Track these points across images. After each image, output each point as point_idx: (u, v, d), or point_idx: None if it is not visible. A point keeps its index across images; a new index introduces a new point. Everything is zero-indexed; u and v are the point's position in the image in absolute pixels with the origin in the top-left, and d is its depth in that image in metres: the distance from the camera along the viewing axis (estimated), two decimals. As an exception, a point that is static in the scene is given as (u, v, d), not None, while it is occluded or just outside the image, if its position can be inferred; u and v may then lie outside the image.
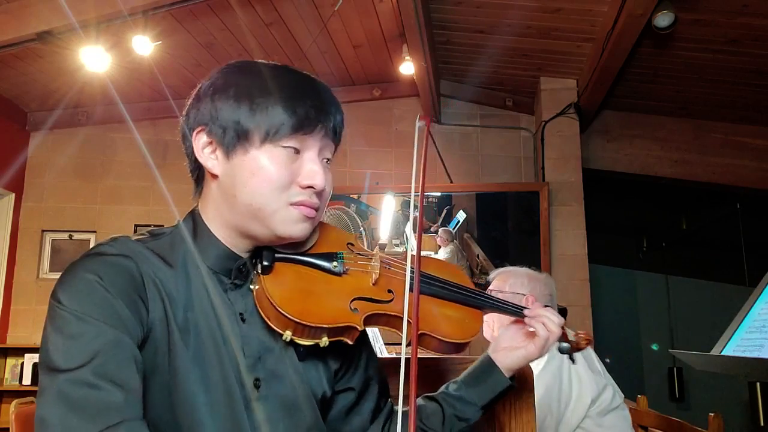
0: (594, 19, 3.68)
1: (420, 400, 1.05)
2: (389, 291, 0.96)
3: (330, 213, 4.08)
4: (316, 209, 0.90)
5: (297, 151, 0.88)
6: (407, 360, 0.74)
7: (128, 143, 4.76)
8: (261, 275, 0.90)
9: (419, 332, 0.94)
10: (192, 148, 0.91)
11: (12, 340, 4.49)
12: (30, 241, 4.64)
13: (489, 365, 1.04)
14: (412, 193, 0.91)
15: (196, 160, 0.92)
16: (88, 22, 3.27)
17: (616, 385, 1.77)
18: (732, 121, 4.62)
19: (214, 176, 0.90)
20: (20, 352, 4.37)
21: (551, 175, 4.43)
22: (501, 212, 4.79)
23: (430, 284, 1.02)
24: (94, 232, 4.70)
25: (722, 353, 1.50)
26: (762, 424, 4.06)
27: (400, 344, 0.83)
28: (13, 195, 4.60)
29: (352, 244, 1.00)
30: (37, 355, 4.52)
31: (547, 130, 4.48)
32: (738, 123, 4.62)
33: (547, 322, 1.02)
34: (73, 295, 0.79)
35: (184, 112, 0.94)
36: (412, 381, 0.68)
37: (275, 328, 0.87)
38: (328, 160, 0.93)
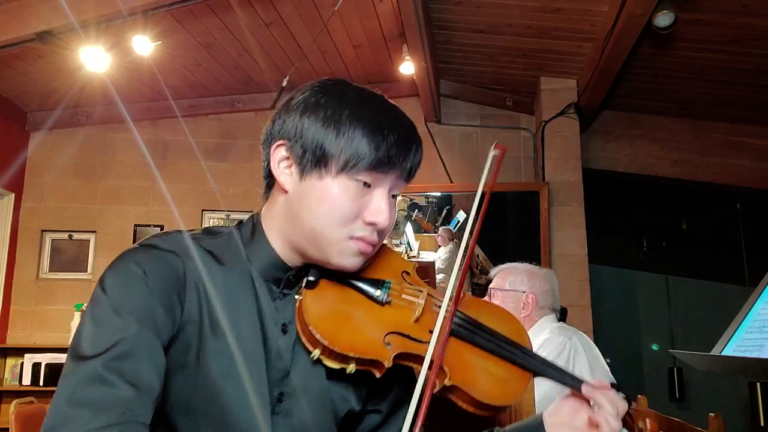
0: (594, 19, 3.68)
1: None
2: (430, 332, 0.87)
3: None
4: (374, 245, 0.90)
5: (368, 186, 0.87)
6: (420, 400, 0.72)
7: (128, 143, 4.75)
8: (305, 289, 0.90)
9: (450, 384, 0.87)
10: (269, 155, 0.91)
11: (12, 340, 4.49)
12: (30, 241, 4.63)
13: (538, 429, 0.93)
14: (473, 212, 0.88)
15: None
16: (88, 22, 3.27)
17: None
18: (732, 121, 4.61)
19: (284, 191, 0.90)
20: (20, 352, 4.36)
21: (551, 175, 4.43)
22: (501, 212, 4.79)
23: (475, 333, 0.93)
24: (94, 232, 4.69)
25: (722, 353, 1.50)
26: (762, 424, 4.07)
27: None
28: (13, 195, 4.59)
29: (408, 273, 0.97)
30: (36, 355, 4.49)
31: (547, 130, 4.48)
32: (738, 123, 4.62)
33: (610, 419, 0.88)
34: (115, 284, 0.82)
35: (272, 117, 0.93)
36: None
37: (306, 344, 0.87)
38: (395, 195, 0.92)
